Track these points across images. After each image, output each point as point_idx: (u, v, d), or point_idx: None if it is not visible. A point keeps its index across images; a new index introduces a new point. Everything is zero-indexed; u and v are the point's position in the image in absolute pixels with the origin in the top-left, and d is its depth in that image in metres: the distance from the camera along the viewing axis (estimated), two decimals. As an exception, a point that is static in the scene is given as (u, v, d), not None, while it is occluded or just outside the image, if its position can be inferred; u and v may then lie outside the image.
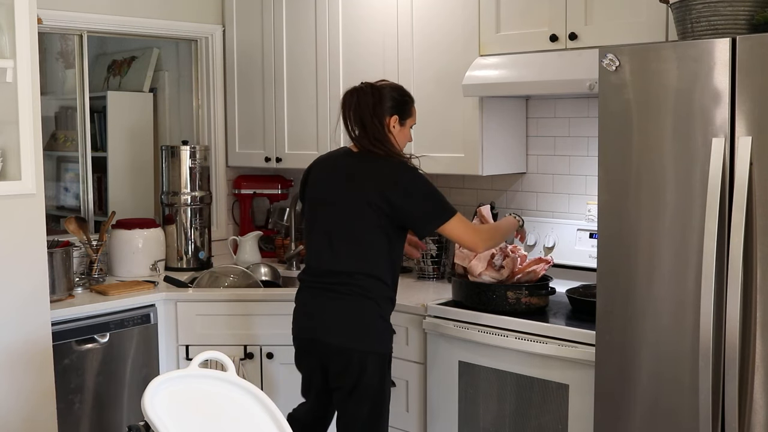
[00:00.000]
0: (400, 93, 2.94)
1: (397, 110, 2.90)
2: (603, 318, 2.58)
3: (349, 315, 2.81)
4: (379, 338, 2.84)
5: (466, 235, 2.87)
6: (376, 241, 2.82)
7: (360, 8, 3.75)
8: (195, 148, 4.09)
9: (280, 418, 2.01)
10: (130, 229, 3.89)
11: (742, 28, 2.37)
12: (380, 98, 2.87)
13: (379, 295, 2.82)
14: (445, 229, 2.84)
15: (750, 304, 2.25)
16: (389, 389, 2.92)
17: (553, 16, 3.11)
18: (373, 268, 2.82)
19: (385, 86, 2.92)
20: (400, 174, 2.82)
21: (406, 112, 2.93)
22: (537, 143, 3.61)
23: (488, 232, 3.01)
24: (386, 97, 2.88)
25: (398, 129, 2.92)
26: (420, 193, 2.82)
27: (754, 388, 2.27)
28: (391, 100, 2.89)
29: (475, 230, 2.94)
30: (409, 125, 2.97)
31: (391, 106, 2.89)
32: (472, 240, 2.88)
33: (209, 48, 4.38)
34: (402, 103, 2.92)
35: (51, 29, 3.93)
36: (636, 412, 2.51)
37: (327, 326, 2.83)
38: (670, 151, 2.39)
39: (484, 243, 2.92)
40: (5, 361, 2.93)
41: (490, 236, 2.97)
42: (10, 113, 2.92)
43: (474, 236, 2.89)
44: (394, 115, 2.90)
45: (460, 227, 2.86)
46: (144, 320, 3.50)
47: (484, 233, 2.96)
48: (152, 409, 1.84)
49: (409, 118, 2.95)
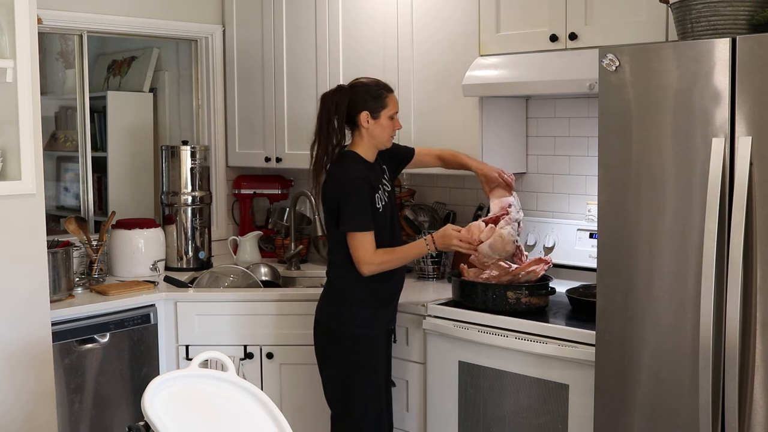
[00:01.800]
0: (368, 86, 2.99)
1: (366, 105, 2.95)
2: (603, 318, 2.58)
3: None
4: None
5: (360, 255, 2.92)
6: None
7: (360, 8, 3.75)
8: (195, 148, 4.09)
9: (280, 418, 2.01)
10: (130, 229, 3.89)
11: (742, 28, 2.37)
12: (344, 97, 2.96)
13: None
14: (348, 239, 2.93)
15: (750, 304, 2.25)
16: (360, 374, 2.99)
17: (553, 16, 3.11)
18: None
19: (354, 82, 3.01)
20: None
21: (377, 105, 2.96)
22: (537, 143, 3.61)
23: (384, 261, 2.97)
24: (351, 95, 2.96)
25: (372, 123, 2.96)
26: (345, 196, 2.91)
27: (754, 388, 2.27)
28: (359, 95, 2.96)
29: (368, 254, 2.92)
30: (386, 116, 2.98)
31: (361, 101, 2.95)
32: (362, 263, 2.92)
33: (209, 48, 4.38)
34: (372, 96, 2.96)
35: (51, 29, 3.93)
36: (636, 412, 2.51)
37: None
38: (670, 151, 2.39)
39: (369, 271, 2.94)
40: (5, 361, 2.93)
41: (381, 265, 2.95)
42: (10, 113, 2.92)
43: (363, 261, 2.91)
44: (364, 110, 2.95)
45: (360, 245, 2.91)
46: (144, 320, 3.50)
47: (377, 260, 2.94)
48: (152, 409, 1.84)
49: (383, 109, 2.97)
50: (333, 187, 2.97)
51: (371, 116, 2.96)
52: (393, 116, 3.01)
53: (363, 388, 3.01)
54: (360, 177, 2.94)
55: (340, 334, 3.00)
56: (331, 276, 3.08)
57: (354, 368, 3.00)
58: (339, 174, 2.96)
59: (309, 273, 4.07)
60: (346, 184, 2.93)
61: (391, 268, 3.00)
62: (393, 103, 3.01)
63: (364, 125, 2.97)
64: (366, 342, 3.00)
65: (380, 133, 2.99)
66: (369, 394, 3.02)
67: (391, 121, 3.00)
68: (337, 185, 2.95)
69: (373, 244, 2.94)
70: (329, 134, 2.97)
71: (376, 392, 3.04)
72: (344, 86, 3.02)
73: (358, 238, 2.91)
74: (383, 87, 3.00)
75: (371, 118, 2.96)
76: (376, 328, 3.04)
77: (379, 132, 2.99)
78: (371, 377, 3.02)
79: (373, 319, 3.02)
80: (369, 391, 3.02)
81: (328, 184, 2.98)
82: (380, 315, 3.05)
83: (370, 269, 2.94)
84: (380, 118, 2.98)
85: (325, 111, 2.98)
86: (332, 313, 3.04)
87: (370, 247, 2.93)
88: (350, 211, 2.91)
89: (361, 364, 3.00)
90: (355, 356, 2.99)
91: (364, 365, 3.00)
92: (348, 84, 3.03)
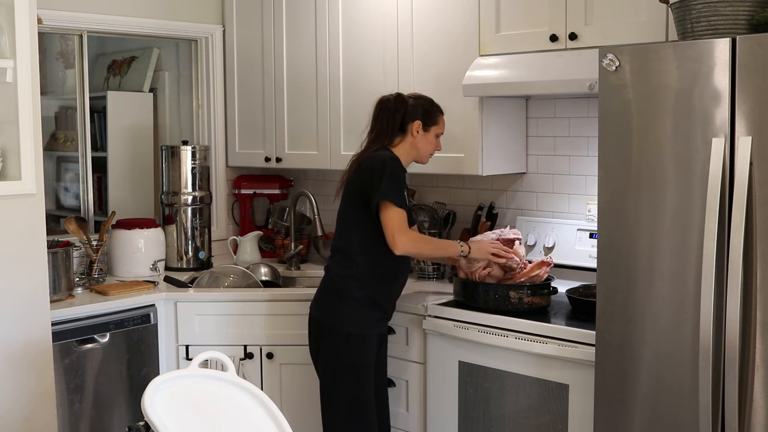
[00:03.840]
0: (426, 101, 3.12)
1: (421, 116, 3.06)
2: (603, 318, 2.58)
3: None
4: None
5: (397, 226, 2.92)
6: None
7: (360, 8, 3.75)
8: (195, 148, 4.09)
9: (280, 418, 2.01)
10: (130, 229, 3.89)
11: (742, 28, 2.37)
12: (402, 104, 3.06)
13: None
14: (382, 210, 2.93)
15: (750, 304, 2.25)
16: (350, 373, 2.99)
17: (553, 16, 3.11)
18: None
19: (412, 95, 3.13)
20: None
21: (430, 119, 3.08)
22: (537, 143, 3.61)
23: (420, 239, 3.09)
24: (410, 104, 3.07)
25: (421, 134, 3.07)
26: (382, 173, 2.93)
27: (754, 388, 2.27)
28: (417, 106, 3.07)
29: (405, 228, 2.95)
30: (434, 133, 3.10)
31: (417, 111, 3.06)
32: (397, 234, 2.91)
33: (209, 48, 4.38)
34: (427, 110, 3.08)
35: (51, 29, 3.93)
36: (636, 412, 2.51)
37: None
38: (670, 151, 2.39)
39: (404, 245, 2.93)
40: (5, 361, 2.93)
41: (416, 243, 3.01)
42: (10, 113, 2.92)
43: (400, 232, 2.91)
44: (417, 120, 3.06)
45: (396, 218, 2.92)
46: (144, 320, 3.50)
47: (412, 236, 2.98)
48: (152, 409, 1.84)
49: (434, 125, 3.10)
50: (369, 166, 2.96)
51: (423, 127, 3.06)
52: (439, 135, 3.13)
53: (351, 388, 2.99)
54: (401, 167, 3.01)
55: (333, 330, 3.01)
56: (332, 272, 3.07)
57: (344, 367, 3.00)
58: (380, 158, 2.97)
59: (309, 273, 4.07)
60: (388, 164, 2.94)
61: (422, 252, 3.13)
62: (442, 124, 3.14)
63: (414, 134, 3.06)
64: (358, 340, 2.99)
65: (424, 146, 3.09)
66: (356, 396, 3.00)
67: (436, 140, 3.12)
68: (376, 165, 2.95)
69: (407, 223, 2.97)
70: (383, 134, 3.05)
71: (365, 394, 3.01)
72: (403, 95, 3.12)
73: (395, 211, 2.91)
74: (437, 107, 3.14)
75: (422, 129, 3.07)
76: (370, 328, 3.03)
77: (424, 145, 3.09)
78: (361, 377, 3.00)
79: (368, 318, 3.02)
80: (358, 392, 2.99)
81: (362, 166, 3.00)
82: (376, 315, 3.04)
83: (405, 244, 2.93)
84: (429, 133, 3.09)
85: (386, 112, 3.06)
86: (328, 308, 3.04)
87: (406, 224, 2.95)
88: (389, 186, 2.91)
89: (351, 364, 2.99)
90: (345, 354, 2.99)
91: (355, 365, 2.99)
92: (407, 94, 3.13)
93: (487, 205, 3.71)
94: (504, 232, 3.21)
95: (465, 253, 3.08)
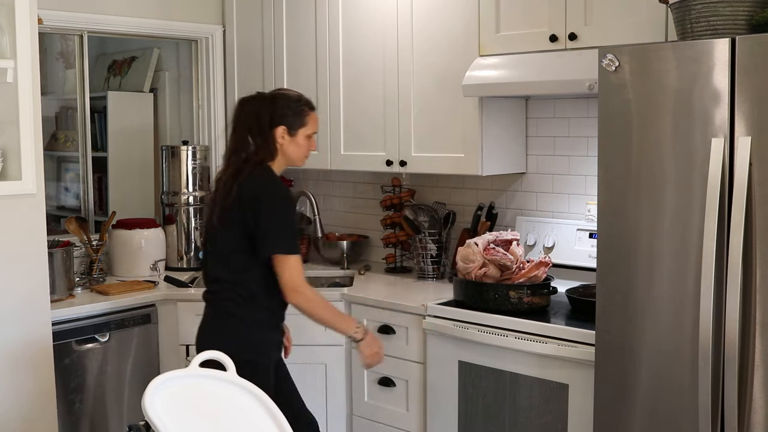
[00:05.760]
0: (291, 99, 2.84)
1: (285, 120, 2.79)
2: (603, 318, 2.58)
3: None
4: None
5: (297, 281, 2.73)
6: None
7: (360, 8, 3.76)
8: (195, 148, 4.09)
9: (280, 418, 2.01)
10: (131, 229, 3.90)
11: (741, 28, 2.37)
12: (265, 108, 2.79)
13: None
14: (275, 260, 2.72)
15: (749, 304, 2.25)
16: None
17: (552, 16, 3.11)
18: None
19: (276, 93, 2.87)
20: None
21: (296, 122, 2.81)
22: (537, 143, 3.62)
23: (319, 298, 2.82)
24: (275, 107, 2.79)
25: (287, 140, 2.80)
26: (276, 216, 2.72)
27: (754, 388, 2.27)
28: (282, 108, 2.80)
29: (302, 283, 2.75)
30: (304, 134, 2.83)
31: (282, 115, 2.79)
32: (294, 282, 2.73)
33: (209, 48, 4.38)
34: (294, 111, 2.81)
35: (51, 29, 3.93)
36: (636, 412, 2.51)
37: None
38: (670, 151, 2.39)
39: (298, 303, 2.75)
40: (5, 361, 2.93)
41: (312, 300, 2.77)
42: (10, 113, 2.92)
43: (295, 290, 2.73)
44: (281, 125, 2.79)
45: (293, 269, 2.73)
46: (144, 320, 3.50)
47: (311, 291, 2.78)
48: (152, 408, 1.84)
49: (301, 128, 2.82)
50: (254, 203, 2.70)
51: (288, 132, 2.80)
52: (311, 136, 2.86)
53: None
54: (291, 200, 2.79)
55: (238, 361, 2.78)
56: (221, 299, 2.82)
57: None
58: (268, 195, 2.72)
59: (309, 273, 4.07)
60: (279, 206, 2.72)
61: (314, 315, 2.80)
62: (313, 122, 2.86)
63: (279, 140, 2.79)
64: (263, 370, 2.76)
65: (294, 152, 2.82)
66: None
67: (307, 141, 2.85)
68: (265, 206, 2.69)
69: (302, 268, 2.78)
70: (246, 142, 2.78)
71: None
72: (265, 95, 2.87)
73: (289, 261, 2.71)
74: (306, 103, 2.86)
75: (287, 135, 2.80)
76: (269, 355, 2.84)
77: (294, 150, 2.82)
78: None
79: (270, 342, 2.84)
80: None
81: (244, 198, 2.71)
82: (276, 339, 2.88)
83: (300, 303, 2.76)
84: (297, 136, 2.81)
85: (245, 117, 2.81)
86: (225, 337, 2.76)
87: (302, 275, 2.76)
88: (281, 234, 2.71)
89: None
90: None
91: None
92: (269, 93, 2.88)
93: (486, 205, 3.71)
94: (502, 234, 3.21)
95: (358, 337, 2.84)
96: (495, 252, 3.11)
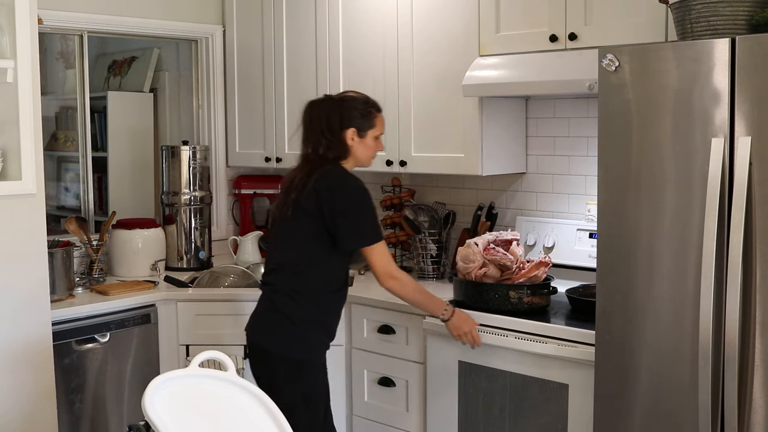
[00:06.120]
0: (359, 101, 2.89)
1: (354, 122, 2.85)
2: (603, 318, 2.58)
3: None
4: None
5: (389, 269, 2.83)
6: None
7: (360, 8, 3.76)
8: (195, 148, 4.09)
9: (280, 418, 2.01)
10: (131, 229, 3.90)
11: (741, 28, 2.37)
12: (334, 110, 2.85)
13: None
14: (366, 252, 2.81)
15: (749, 304, 2.25)
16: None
17: (552, 16, 3.11)
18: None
19: (344, 96, 2.92)
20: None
21: (365, 124, 2.87)
22: (537, 143, 3.62)
23: (411, 281, 2.92)
24: (344, 109, 2.85)
25: (357, 141, 2.87)
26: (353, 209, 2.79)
27: (754, 388, 2.27)
28: (350, 110, 2.85)
29: (395, 269, 2.85)
30: (372, 136, 2.90)
31: (351, 117, 2.85)
32: (387, 269, 2.82)
33: (209, 48, 4.38)
34: (362, 114, 2.87)
35: (51, 29, 3.93)
36: (636, 412, 2.51)
37: None
38: (670, 151, 2.39)
39: (393, 288, 2.85)
40: (5, 361, 2.93)
41: (406, 284, 2.88)
42: (10, 113, 2.92)
43: (390, 267, 2.83)
44: (351, 128, 2.85)
45: (383, 257, 2.82)
46: (144, 320, 3.50)
47: (403, 276, 2.88)
48: (152, 408, 1.84)
49: (370, 129, 2.89)
50: (332, 195, 2.77)
51: (357, 134, 2.87)
52: (379, 137, 2.93)
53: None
54: (366, 192, 2.84)
55: (285, 358, 2.82)
56: (279, 289, 2.88)
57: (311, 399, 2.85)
58: (347, 190, 2.80)
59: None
60: (360, 201, 2.80)
61: (407, 297, 2.92)
62: (381, 124, 2.93)
63: (349, 142, 2.86)
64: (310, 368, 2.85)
65: (363, 153, 2.89)
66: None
67: (375, 142, 2.92)
68: (343, 200, 2.78)
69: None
70: (318, 144, 2.85)
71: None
72: (334, 97, 2.93)
73: (378, 249, 2.80)
74: (372, 105, 2.92)
75: (357, 136, 2.87)
76: (321, 354, 2.90)
77: (363, 151, 2.89)
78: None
79: (319, 343, 2.90)
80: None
81: (321, 191, 2.77)
82: (324, 340, 2.91)
83: (394, 287, 2.86)
84: (366, 138, 2.88)
85: (316, 120, 2.86)
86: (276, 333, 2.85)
87: (392, 261, 2.86)
88: (366, 225, 2.80)
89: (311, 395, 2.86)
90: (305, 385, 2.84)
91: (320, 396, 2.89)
92: (337, 96, 2.94)
93: (486, 205, 3.71)
94: (502, 234, 3.21)
95: (445, 317, 2.95)
96: (495, 252, 3.11)
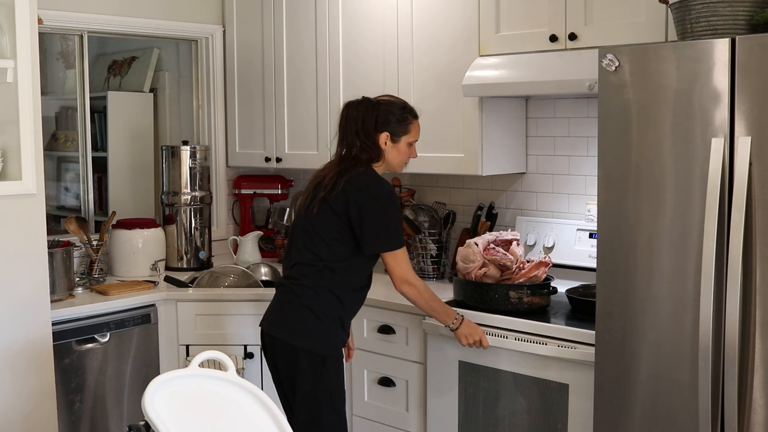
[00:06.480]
0: (396, 106, 2.90)
1: (390, 126, 2.86)
2: (603, 318, 2.58)
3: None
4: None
5: (407, 274, 2.84)
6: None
7: (360, 9, 3.76)
8: (195, 148, 4.09)
9: (281, 418, 2.01)
10: (131, 229, 3.90)
11: (741, 28, 2.37)
12: (370, 113, 2.85)
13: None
14: (385, 256, 2.83)
15: (749, 304, 2.25)
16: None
17: (552, 17, 3.11)
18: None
19: (382, 99, 2.92)
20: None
21: (400, 129, 2.88)
22: (536, 143, 3.62)
23: (426, 289, 2.91)
24: (380, 112, 2.86)
25: (390, 146, 2.88)
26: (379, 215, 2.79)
27: (754, 388, 2.27)
28: (386, 114, 2.86)
29: (412, 275, 2.86)
30: (406, 142, 2.91)
31: (387, 121, 2.86)
32: (405, 275, 2.84)
33: (209, 48, 4.38)
34: (398, 119, 2.88)
35: (51, 29, 3.93)
36: (636, 412, 2.51)
37: None
38: (670, 151, 2.39)
39: (412, 287, 2.85)
40: (5, 361, 2.93)
41: (422, 292, 2.88)
42: (10, 113, 2.92)
43: (408, 273, 2.84)
44: (385, 131, 2.86)
45: (402, 262, 2.83)
46: (144, 320, 3.50)
47: (420, 283, 2.88)
48: (153, 408, 1.84)
49: (404, 135, 2.89)
50: (360, 199, 2.77)
51: (391, 139, 2.87)
52: (412, 143, 2.93)
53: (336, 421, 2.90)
54: (395, 198, 2.84)
55: (310, 353, 2.82)
56: (302, 284, 2.85)
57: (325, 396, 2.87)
58: (375, 195, 2.79)
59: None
60: (387, 207, 2.80)
61: (419, 304, 2.91)
62: (415, 130, 2.93)
63: (382, 146, 2.86)
64: (334, 364, 2.87)
65: (395, 158, 2.90)
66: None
67: (408, 148, 2.92)
68: (371, 205, 2.78)
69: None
70: (352, 145, 2.85)
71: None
72: (371, 100, 2.90)
73: (399, 255, 2.82)
74: (409, 111, 2.92)
75: (390, 141, 2.87)
76: (340, 350, 2.91)
77: (395, 156, 2.89)
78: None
79: (339, 339, 2.90)
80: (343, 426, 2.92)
81: (349, 194, 2.78)
82: (343, 336, 2.92)
83: (409, 293, 2.87)
84: (399, 143, 2.89)
85: (352, 121, 2.85)
86: (298, 328, 2.84)
87: (411, 267, 2.87)
88: (390, 232, 2.80)
89: (330, 392, 2.87)
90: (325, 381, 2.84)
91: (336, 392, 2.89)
92: (375, 98, 2.92)
93: (486, 205, 3.71)
94: (502, 234, 3.21)
95: (454, 327, 2.95)
96: (495, 252, 3.11)
